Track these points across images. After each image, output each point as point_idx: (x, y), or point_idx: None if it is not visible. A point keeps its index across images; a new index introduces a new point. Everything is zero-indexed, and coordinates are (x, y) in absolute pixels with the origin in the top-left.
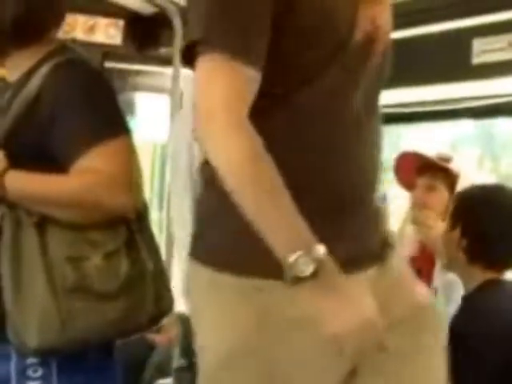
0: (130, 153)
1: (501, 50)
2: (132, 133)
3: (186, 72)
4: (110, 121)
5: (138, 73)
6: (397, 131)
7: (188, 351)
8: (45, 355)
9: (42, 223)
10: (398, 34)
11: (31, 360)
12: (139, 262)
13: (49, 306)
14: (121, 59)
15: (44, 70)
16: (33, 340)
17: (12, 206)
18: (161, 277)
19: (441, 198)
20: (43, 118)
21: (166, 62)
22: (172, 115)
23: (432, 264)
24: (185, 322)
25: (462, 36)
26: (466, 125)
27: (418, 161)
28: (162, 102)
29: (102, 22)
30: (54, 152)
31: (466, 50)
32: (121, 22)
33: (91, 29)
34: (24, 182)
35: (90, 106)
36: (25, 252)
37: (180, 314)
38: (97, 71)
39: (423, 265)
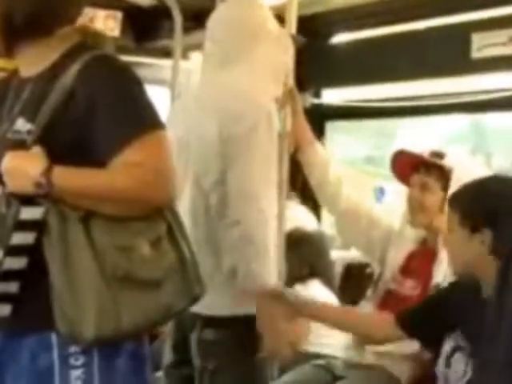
0: (168, 145)
1: (500, 44)
2: (165, 126)
3: (185, 64)
4: (147, 114)
5: (136, 65)
6: (393, 125)
7: (179, 347)
8: (98, 345)
9: (88, 217)
10: (397, 29)
11: (74, 349)
12: (179, 249)
13: (104, 296)
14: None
15: (76, 66)
16: (90, 330)
17: (56, 200)
18: (195, 262)
19: (435, 197)
20: (80, 113)
21: (165, 54)
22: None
23: (432, 260)
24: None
25: (461, 30)
26: (462, 119)
27: (411, 158)
28: (161, 95)
29: (101, 14)
30: (92, 147)
31: (466, 45)
32: (119, 14)
33: (90, 21)
34: (70, 178)
35: (127, 101)
36: (73, 245)
37: None
38: (127, 66)
39: (423, 261)
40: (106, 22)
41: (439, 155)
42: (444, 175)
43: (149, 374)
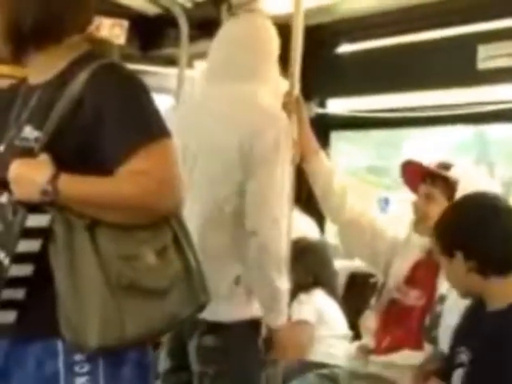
0: (174, 154)
1: (506, 56)
2: (172, 135)
3: (190, 73)
4: (153, 122)
5: (142, 73)
6: (397, 135)
7: (176, 353)
8: (104, 353)
9: (93, 225)
10: (403, 39)
11: (79, 356)
12: (185, 257)
13: (108, 305)
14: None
15: (84, 74)
16: (93, 339)
17: (62, 208)
18: (201, 271)
19: (439, 207)
20: (88, 121)
21: (171, 62)
22: None
23: (436, 271)
24: None
25: (467, 42)
26: (466, 130)
27: (419, 168)
28: (166, 103)
29: (107, 22)
30: (99, 155)
31: (472, 56)
32: (125, 23)
33: (96, 29)
34: (76, 186)
35: (134, 109)
36: (78, 253)
37: None
38: (134, 74)
39: (428, 271)
40: (112, 30)
41: (446, 166)
42: (449, 186)
43: (152, 382)
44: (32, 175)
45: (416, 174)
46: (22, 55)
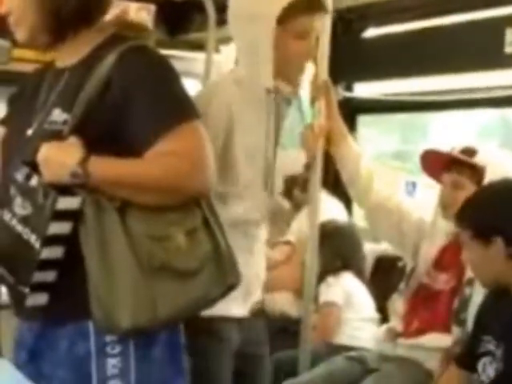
0: (204, 135)
1: None
2: (201, 116)
3: (218, 57)
4: (183, 104)
5: (169, 58)
6: (422, 119)
7: None
8: (135, 334)
9: (124, 207)
10: (430, 23)
11: (110, 337)
12: (214, 239)
13: (140, 286)
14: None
15: (113, 55)
16: (126, 320)
17: (92, 190)
18: (231, 255)
19: (468, 194)
20: (116, 103)
21: (198, 46)
22: None
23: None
24: None
25: (495, 25)
26: (491, 114)
27: (442, 157)
28: (194, 88)
29: (134, 6)
30: (128, 137)
31: (499, 39)
32: (152, 7)
33: (123, 13)
34: (106, 168)
35: (163, 91)
36: (109, 234)
37: None
38: (163, 57)
39: (455, 256)
40: (139, 15)
41: (470, 152)
42: (477, 173)
43: (185, 362)
44: (62, 158)
45: (439, 163)
46: (59, 42)
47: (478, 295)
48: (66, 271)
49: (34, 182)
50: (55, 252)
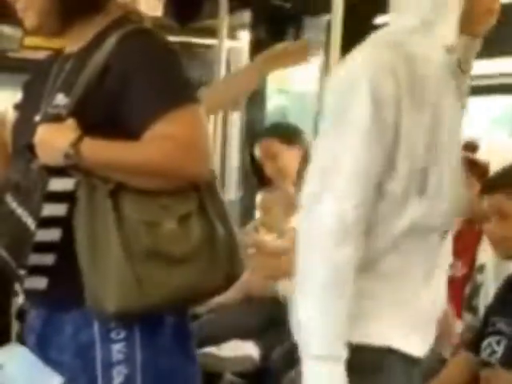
0: (203, 119)
1: None
2: (201, 100)
3: (233, 44)
4: (182, 87)
5: (180, 45)
6: None
7: None
8: (122, 319)
9: (117, 189)
10: None
11: (114, 323)
12: (210, 226)
13: (126, 271)
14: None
15: (112, 39)
16: (111, 305)
17: (87, 173)
18: (233, 241)
19: (473, 190)
20: (114, 86)
21: (209, 33)
22: None
23: (476, 241)
24: None
25: (507, 11)
26: (502, 105)
27: None
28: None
29: None
30: (126, 119)
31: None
32: None
33: (133, 0)
34: (100, 150)
35: (162, 73)
36: (99, 216)
37: None
38: (165, 40)
39: (468, 242)
40: (149, 2)
41: (472, 147)
42: (479, 169)
43: (193, 351)
44: (55, 139)
45: None
46: (67, 28)
47: (488, 282)
48: (69, 256)
49: (34, 165)
50: (51, 234)
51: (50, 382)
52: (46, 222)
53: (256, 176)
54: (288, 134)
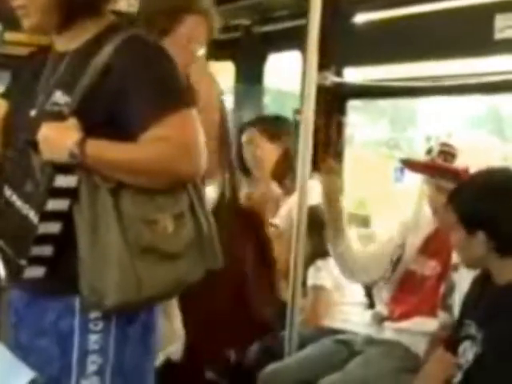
0: (197, 124)
1: None
2: (194, 105)
3: None
4: (179, 92)
5: None
6: (411, 108)
7: None
8: (119, 312)
9: (117, 187)
10: (420, 8)
11: (94, 314)
12: (198, 224)
13: (126, 265)
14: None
15: (113, 44)
16: (111, 297)
17: (89, 171)
18: (213, 239)
19: None
20: (115, 89)
21: None
22: None
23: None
24: None
25: (484, 11)
26: (480, 104)
27: (422, 168)
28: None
29: None
30: (124, 121)
31: (488, 26)
32: None
33: None
34: (101, 150)
35: (160, 78)
36: (101, 213)
37: None
38: (160, 45)
39: (441, 242)
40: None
41: (450, 154)
42: (459, 176)
43: (154, 342)
44: (61, 137)
45: (420, 169)
46: (65, 27)
47: (463, 280)
48: (62, 247)
49: (35, 160)
50: (53, 228)
51: (22, 378)
52: (48, 216)
53: (239, 166)
54: (270, 129)
